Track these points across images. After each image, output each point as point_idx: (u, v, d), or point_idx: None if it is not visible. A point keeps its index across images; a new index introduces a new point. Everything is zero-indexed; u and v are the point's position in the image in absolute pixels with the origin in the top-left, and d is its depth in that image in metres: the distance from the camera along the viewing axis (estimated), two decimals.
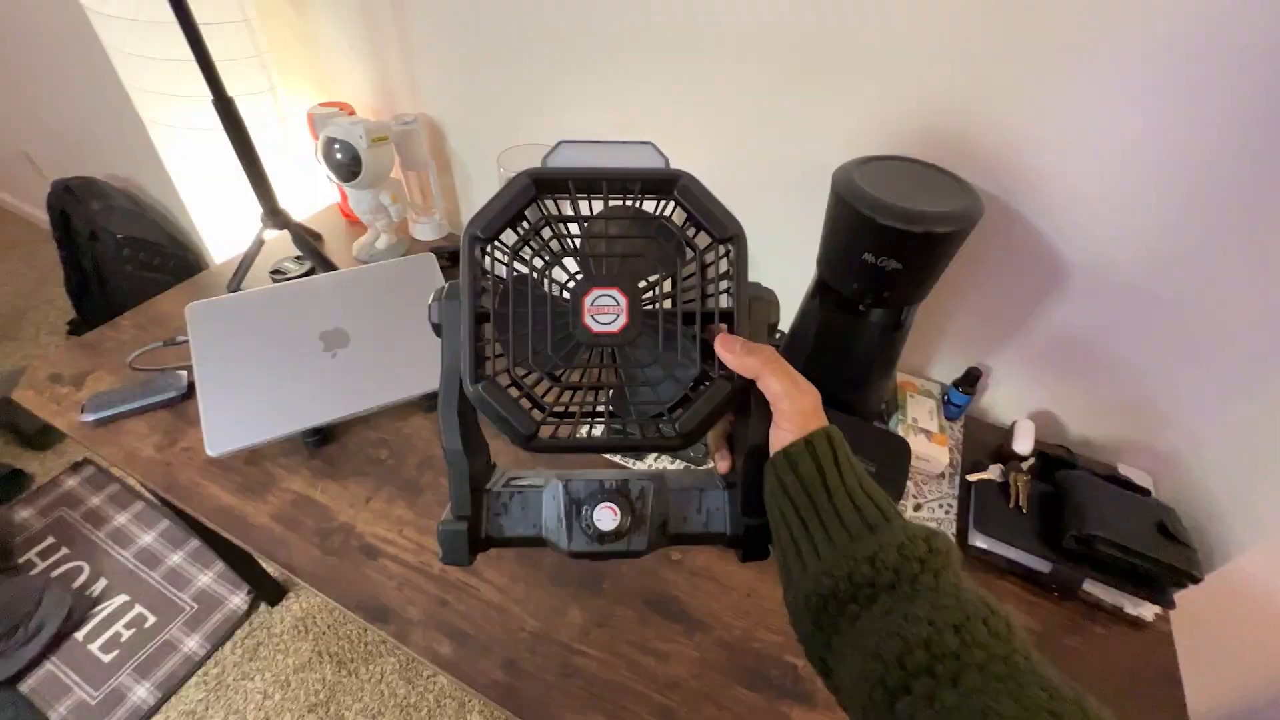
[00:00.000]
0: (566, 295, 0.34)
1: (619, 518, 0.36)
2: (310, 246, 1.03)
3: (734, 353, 0.34)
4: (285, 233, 1.04)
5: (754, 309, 0.35)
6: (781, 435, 0.34)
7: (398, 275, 0.90)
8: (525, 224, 0.35)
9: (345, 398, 0.81)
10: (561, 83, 0.94)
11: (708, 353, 0.35)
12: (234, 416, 0.75)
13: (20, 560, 1.41)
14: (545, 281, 0.34)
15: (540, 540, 0.38)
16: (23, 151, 2.09)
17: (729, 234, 0.34)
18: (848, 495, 0.32)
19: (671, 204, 0.35)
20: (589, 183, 0.34)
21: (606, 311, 0.34)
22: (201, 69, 0.85)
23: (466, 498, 0.37)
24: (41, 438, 1.64)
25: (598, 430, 0.35)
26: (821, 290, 0.75)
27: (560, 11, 0.87)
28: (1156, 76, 0.61)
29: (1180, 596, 0.70)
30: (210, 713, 1.25)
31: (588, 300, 0.34)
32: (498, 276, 0.34)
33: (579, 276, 0.34)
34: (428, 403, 0.84)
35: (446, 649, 0.62)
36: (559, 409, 0.35)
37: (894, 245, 0.63)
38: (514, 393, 0.34)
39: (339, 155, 0.98)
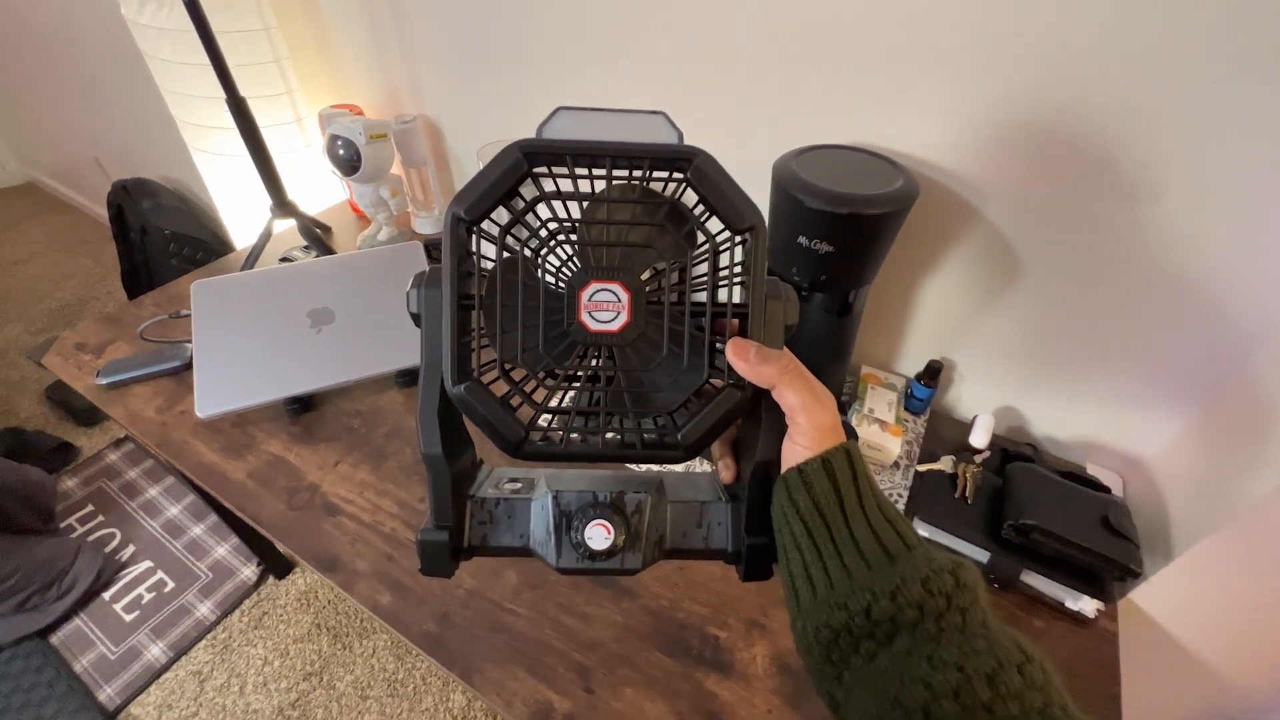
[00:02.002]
0: (561, 286, 0.31)
1: (612, 536, 0.33)
2: (315, 235, 1.11)
3: (747, 360, 0.30)
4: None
5: (770, 309, 0.31)
6: (795, 450, 0.31)
7: (385, 261, 0.96)
8: (520, 201, 0.31)
9: (326, 370, 0.86)
10: (552, 86, 0.99)
11: (716, 353, 0.31)
12: (224, 383, 0.82)
13: (61, 524, 1.54)
14: (538, 270, 0.31)
15: (527, 551, 0.35)
16: (94, 157, 2.30)
17: (747, 225, 0.30)
18: (866, 520, 0.30)
19: (682, 185, 0.31)
20: (589, 158, 0.30)
21: (605, 308, 0.30)
22: (216, 72, 0.94)
23: (448, 506, 0.34)
24: (89, 414, 1.79)
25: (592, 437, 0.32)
26: None
27: (549, 22, 0.93)
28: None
29: (1139, 599, 0.69)
30: (215, 674, 1.32)
31: (585, 294, 0.30)
32: (486, 256, 0.31)
33: (576, 266, 0.31)
34: (402, 378, 0.90)
35: (386, 599, 0.66)
36: (551, 408, 0.32)
37: (824, 228, 0.64)
38: (503, 386, 0.31)
39: (341, 151, 1.06)
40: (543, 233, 0.31)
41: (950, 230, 0.78)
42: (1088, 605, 0.65)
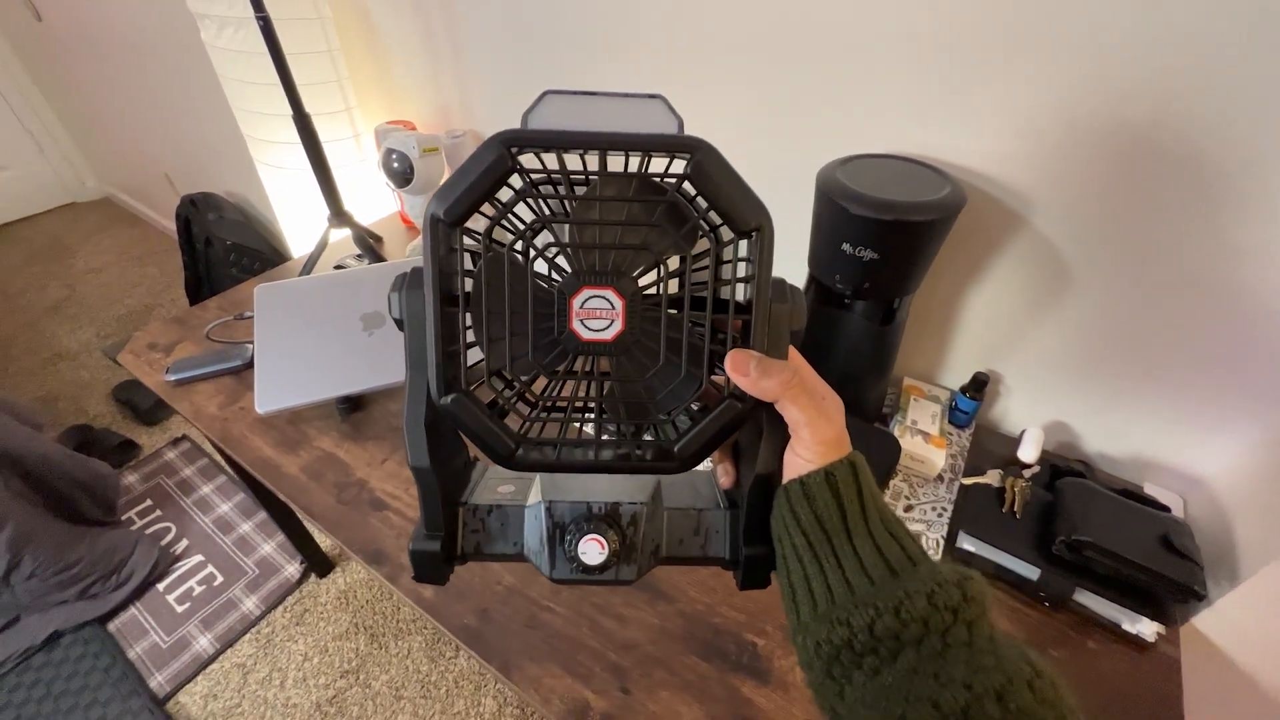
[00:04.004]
0: (552, 290, 0.29)
1: (606, 550, 0.31)
2: (368, 244, 1.16)
3: (748, 375, 0.29)
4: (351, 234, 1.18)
5: (774, 314, 0.29)
6: (798, 462, 0.30)
7: None
8: (512, 192, 0.29)
9: (376, 371, 0.90)
10: None
11: (716, 358, 0.30)
12: (282, 381, 0.86)
13: (122, 517, 1.62)
14: (527, 274, 0.29)
15: (522, 558, 0.34)
16: (164, 174, 2.45)
17: (753, 226, 0.28)
18: (869, 534, 0.29)
19: (681, 180, 0.28)
20: (579, 150, 0.28)
21: (598, 316, 0.29)
22: (285, 90, 1.00)
23: (439, 515, 0.33)
24: (152, 414, 1.89)
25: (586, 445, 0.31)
26: (810, 284, 0.77)
27: (594, 44, 0.96)
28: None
29: (1202, 625, 0.65)
30: (258, 667, 1.37)
31: (576, 301, 0.29)
32: (471, 252, 0.29)
33: (565, 269, 0.29)
34: None
35: (429, 593, 0.68)
36: (542, 416, 0.31)
37: (869, 235, 0.64)
38: (494, 386, 0.30)
39: (396, 164, 1.11)
40: (536, 228, 0.29)
41: (998, 240, 0.77)
42: (1147, 628, 0.62)
